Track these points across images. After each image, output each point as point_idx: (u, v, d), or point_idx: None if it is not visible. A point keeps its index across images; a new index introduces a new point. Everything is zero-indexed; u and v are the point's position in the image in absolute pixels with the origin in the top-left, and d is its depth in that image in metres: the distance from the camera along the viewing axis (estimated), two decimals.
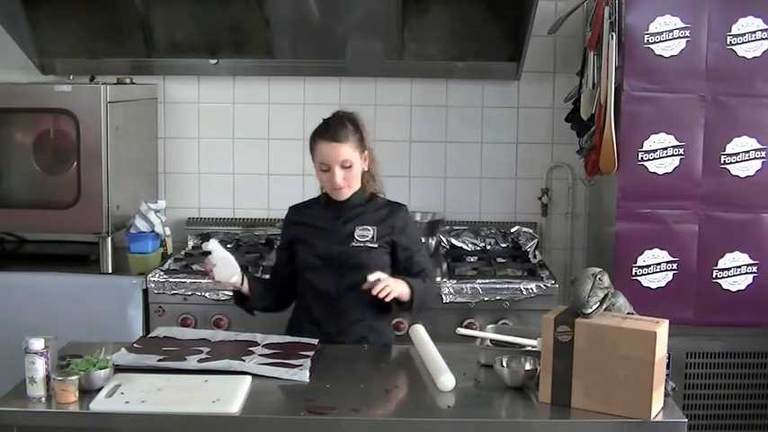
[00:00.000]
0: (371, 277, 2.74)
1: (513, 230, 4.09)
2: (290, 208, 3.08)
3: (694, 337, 3.47)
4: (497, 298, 3.50)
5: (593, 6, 3.61)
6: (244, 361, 2.53)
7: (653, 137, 3.36)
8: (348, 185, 2.88)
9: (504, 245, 4.08)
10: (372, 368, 2.61)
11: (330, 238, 2.92)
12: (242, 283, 2.90)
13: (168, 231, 3.85)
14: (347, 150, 2.84)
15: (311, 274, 2.94)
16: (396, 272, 2.93)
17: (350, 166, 2.85)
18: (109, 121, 3.53)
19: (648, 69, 3.34)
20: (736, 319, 3.45)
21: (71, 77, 4.01)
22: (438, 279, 3.52)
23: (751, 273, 3.42)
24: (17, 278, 3.56)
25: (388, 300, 2.75)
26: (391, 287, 2.74)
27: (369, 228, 2.92)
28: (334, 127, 2.87)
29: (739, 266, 3.42)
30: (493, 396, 2.39)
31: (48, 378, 2.30)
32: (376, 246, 2.90)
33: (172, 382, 2.40)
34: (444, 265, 3.73)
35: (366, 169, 2.94)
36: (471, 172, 4.15)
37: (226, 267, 2.85)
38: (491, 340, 2.67)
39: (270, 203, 4.19)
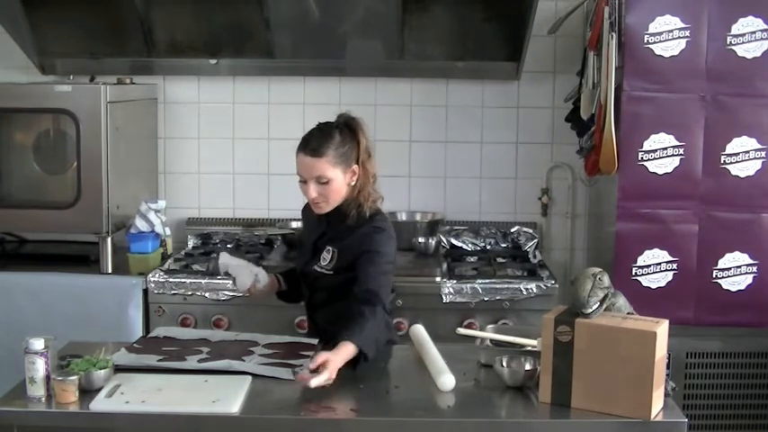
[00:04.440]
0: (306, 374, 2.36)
1: (513, 230, 4.10)
2: (304, 206, 2.97)
3: (694, 337, 3.46)
4: (497, 298, 3.50)
5: (593, 6, 3.61)
6: (244, 361, 2.53)
7: (653, 137, 3.36)
8: (325, 201, 2.70)
9: (504, 245, 4.08)
10: (372, 368, 2.61)
11: (304, 255, 2.89)
12: (279, 284, 2.93)
13: (168, 231, 3.85)
14: (324, 166, 2.64)
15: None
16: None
17: (326, 182, 2.66)
18: (109, 121, 3.53)
19: (648, 69, 3.34)
20: (735, 319, 3.45)
21: (71, 77, 4.01)
22: (438, 279, 3.53)
23: (751, 273, 3.42)
24: (17, 278, 3.56)
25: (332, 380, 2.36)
26: (329, 373, 2.31)
27: (331, 250, 2.74)
28: (316, 138, 2.67)
29: (739, 266, 3.42)
30: (493, 396, 2.38)
31: (48, 378, 2.30)
32: (331, 272, 2.75)
33: (172, 382, 2.40)
34: (444, 265, 3.73)
35: (353, 183, 2.70)
36: (471, 172, 4.15)
37: (243, 272, 2.85)
38: (491, 340, 2.67)
39: (270, 203, 4.19)
